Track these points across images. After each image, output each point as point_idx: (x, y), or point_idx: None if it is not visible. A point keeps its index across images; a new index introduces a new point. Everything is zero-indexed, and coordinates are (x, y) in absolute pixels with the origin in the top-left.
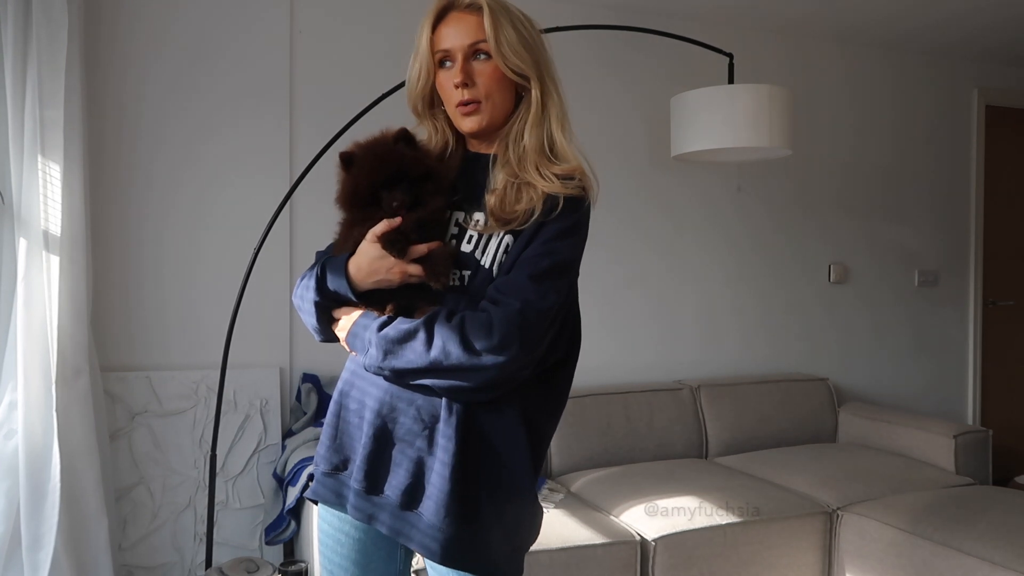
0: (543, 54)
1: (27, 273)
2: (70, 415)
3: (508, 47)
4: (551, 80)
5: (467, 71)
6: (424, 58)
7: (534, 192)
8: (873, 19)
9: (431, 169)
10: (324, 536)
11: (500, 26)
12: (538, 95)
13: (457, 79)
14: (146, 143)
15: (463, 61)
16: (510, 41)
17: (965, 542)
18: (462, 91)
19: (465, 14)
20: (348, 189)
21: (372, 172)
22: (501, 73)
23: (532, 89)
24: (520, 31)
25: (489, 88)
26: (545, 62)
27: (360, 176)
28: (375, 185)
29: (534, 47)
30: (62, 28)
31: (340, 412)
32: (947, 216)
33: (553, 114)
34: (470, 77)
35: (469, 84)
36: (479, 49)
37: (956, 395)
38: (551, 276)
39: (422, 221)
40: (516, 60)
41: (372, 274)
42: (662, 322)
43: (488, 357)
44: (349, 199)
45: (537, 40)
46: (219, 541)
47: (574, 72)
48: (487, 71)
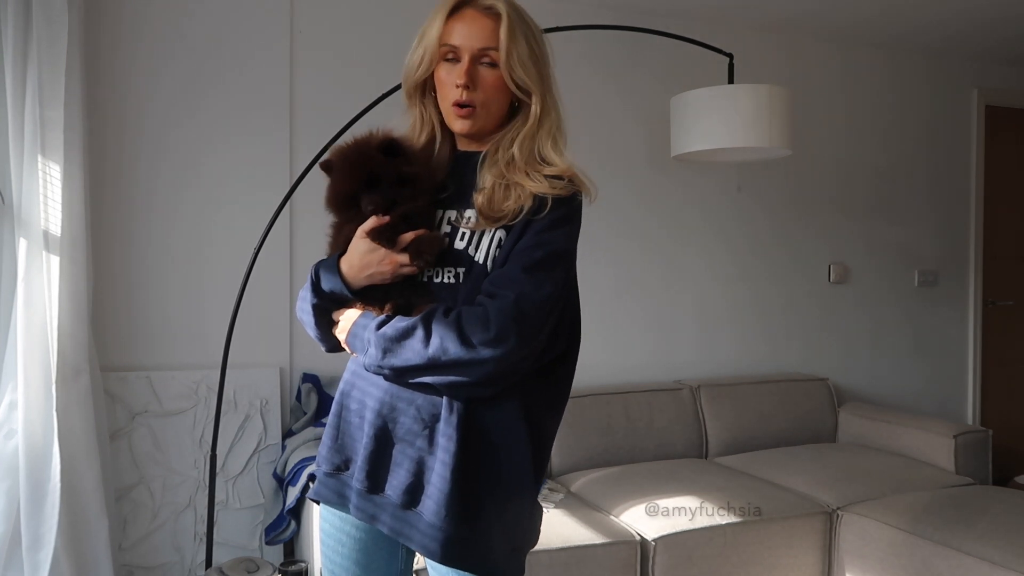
0: (547, 68)
1: (27, 273)
2: (70, 415)
3: (517, 61)
4: (551, 96)
5: (472, 74)
6: (430, 46)
7: (522, 191)
8: (873, 19)
9: (407, 174)
10: (326, 537)
11: (515, 39)
12: (537, 111)
13: (460, 80)
14: (146, 143)
15: (469, 63)
16: (520, 55)
17: (965, 542)
18: (462, 92)
19: (481, 15)
20: (331, 194)
21: (347, 179)
22: (504, 83)
23: (533, 105)
24: (532, 45)
25: (489, 96)
26: (548, 77)
27: (337, 182)
28: (353, 189)
29: (540, 61)
30: (62, 28)
31: (341, 413)
32: (947, 216)
33: (547, 129)
34: (473, 81)
35: (471, 87)
36: (488, 56)
37: (956, 395)
38: (545, 267)
39: (408, 214)
40: (522, 74)
41: (364, 268)
42: (662, 322)
43: (485, 350)
44: (334, 203)
45: (544, 54)
46: (219, 541)
47: (574, 72)
48: (491, 79)
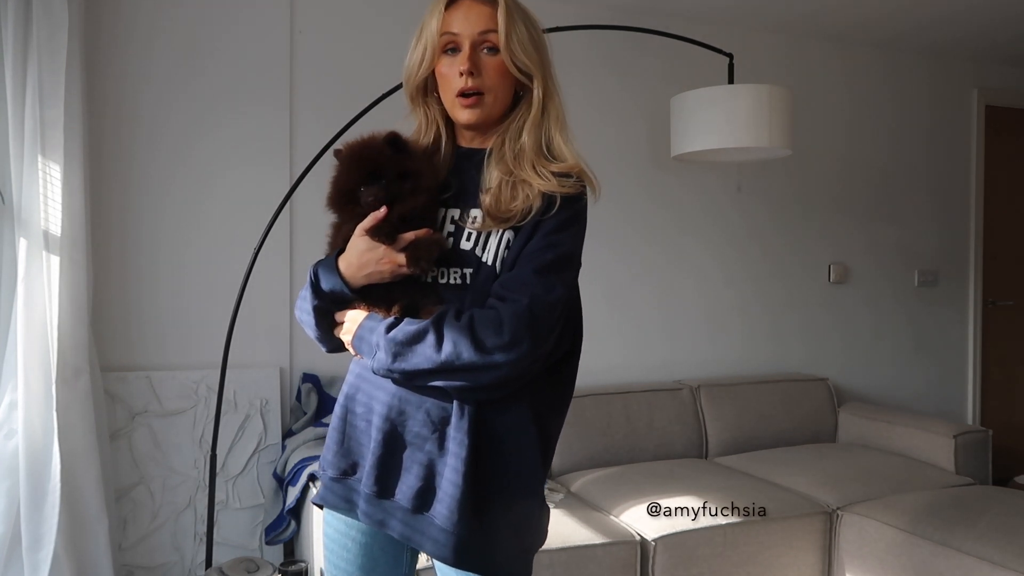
0: (547, 55)
1: (27, 273)
2: (70, 415)
3: (518, 44)
4: (552, 82)
5: (474, 60)
6: (430, 40)
7: (530, 190)
8: (873, 19)
9: (409, 169)
10: (330, 542)
11: (513, 22)
12: (540, 95)
13: (464, 66)
14: (146, 143)
15: (471, 49)
16: (520, 38)
17: (965, 542)
18: (467, 79)
19: (477, 3)
20: (333, 189)
21: (351, 171)
22: (506, 69)
23: (535, 88)
24: (530, 30)
25: (493, 81)
26: (548, 63)
27: (341, 176)
28: (354, 183)
29: (540, 47)
30: (62, 27)
31: (346, 416)
32: (947, 216)
33: (553, 115)
34: (476, 66)
35: (475, 73)
36: (487, 41)
37: (956, 395)
38: (556, 269)
39: (405, 216)
40: (524, 58)
41: (362, 267)
42: (662, 322)
43: (500, 355)
44: (334, 199)
45: (543, 41)
46: (219, 541)
47: (574, 72)
48: (493, 64)
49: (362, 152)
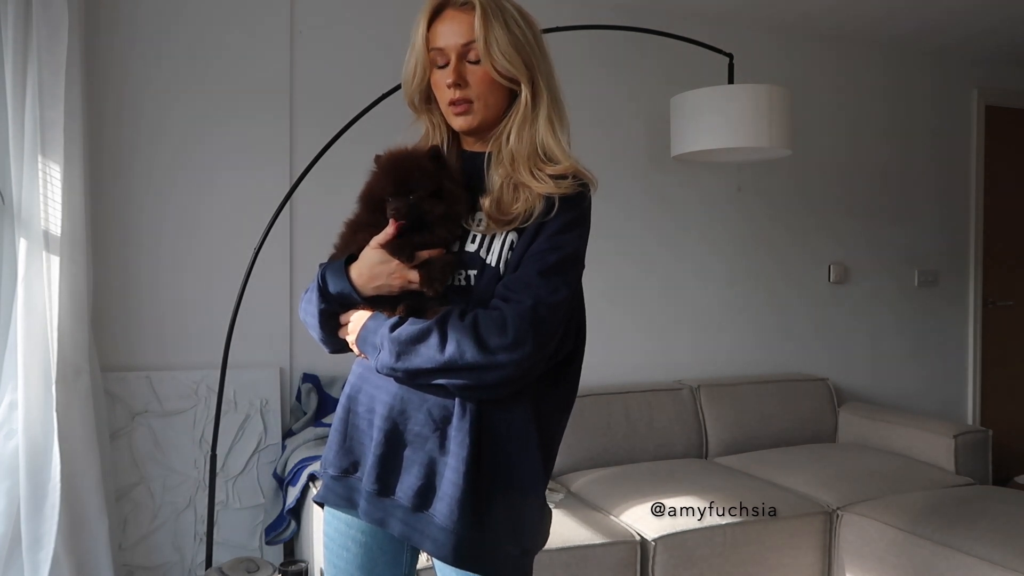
0: (536, 54)
1: (27, 273)
2: (70, 415)
3: (497, 50)
4: (544, 81)
5: (459, 71)
6: (419, 54)
7: (530, 192)
8: (873, 19)
9: (446, 190)
10: (330, 541)
11: (490, 28)
12: (527, 97)
13: (449, 79)
14: (146, 143)
15: (456, 61)
16: (500, 44)
17: (965, 542)
18: (454, 91)
19: (459, 12)
20: (365, 190)
21: (384, 178)
22: (491, 76)
23: (522, 91)
24: (513, 31)
25: (480, 90)
26: (538, 62)
27: (375, 180)
28: (383, 192)
29: (526, 47)
30: (62, 27)
31: (348, 415)
32: (947, 216)
33: (543, 116)
34: (462, 77)
35: (462, 84)
36: (471, 51)
37: (956, 395)
38: (560, 270)
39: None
40: (505, 63)
41: (373, 279)
42: (662, 322)
43: (503, 355)
44: (364, 198)
45: (531, 39)
46: (219, 541)
47: (574, 72)
48: (478, 74)
49: (398, 162)
